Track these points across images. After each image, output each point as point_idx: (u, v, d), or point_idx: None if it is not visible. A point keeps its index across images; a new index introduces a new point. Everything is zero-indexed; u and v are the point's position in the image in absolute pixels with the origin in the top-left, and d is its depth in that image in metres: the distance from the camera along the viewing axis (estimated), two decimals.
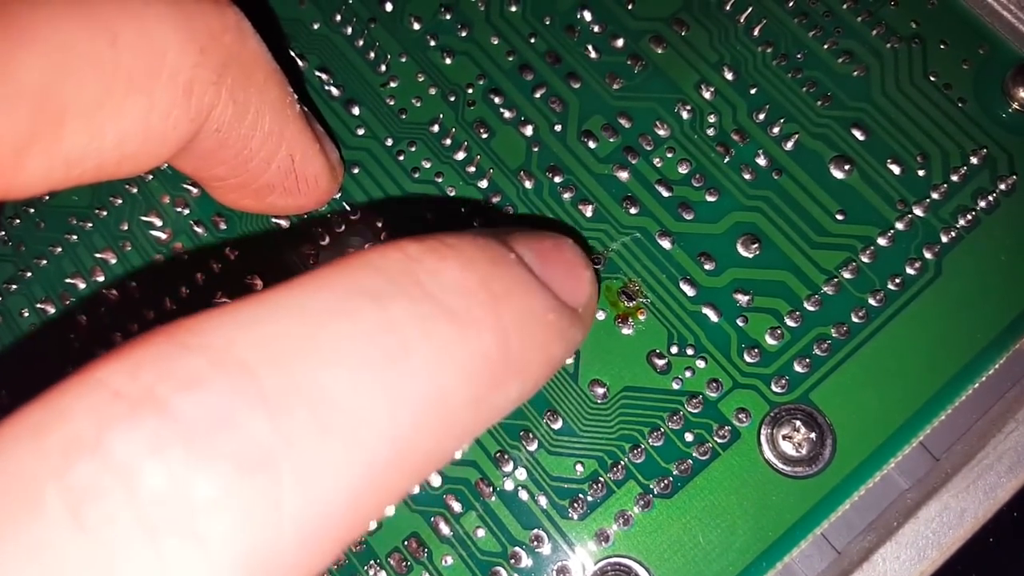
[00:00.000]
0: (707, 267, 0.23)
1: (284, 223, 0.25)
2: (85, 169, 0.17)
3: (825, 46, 0.25)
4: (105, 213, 0.26)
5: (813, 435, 0.22)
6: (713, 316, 0.23)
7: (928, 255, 0.23)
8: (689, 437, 0.22)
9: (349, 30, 0.27)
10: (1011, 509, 0.22)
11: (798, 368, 0.23)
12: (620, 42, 0.26)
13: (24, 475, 0.11)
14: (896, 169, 0.24)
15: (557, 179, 0.25)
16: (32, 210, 0.26)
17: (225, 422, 0.12)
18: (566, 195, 0.24)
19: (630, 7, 0.26)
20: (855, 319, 0.23)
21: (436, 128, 0.25)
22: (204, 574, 0.11)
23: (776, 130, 0.24)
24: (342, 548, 0.13)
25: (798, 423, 0.22)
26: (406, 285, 0.14)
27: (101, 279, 0.25)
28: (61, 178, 0.16)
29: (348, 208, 0.25)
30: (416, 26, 0.26)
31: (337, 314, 0.13)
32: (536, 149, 0.25)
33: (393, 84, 0.26)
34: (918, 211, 0.24)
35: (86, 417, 0.11)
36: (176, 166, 0.20)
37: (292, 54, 0.26)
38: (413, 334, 0.13)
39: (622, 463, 0.22)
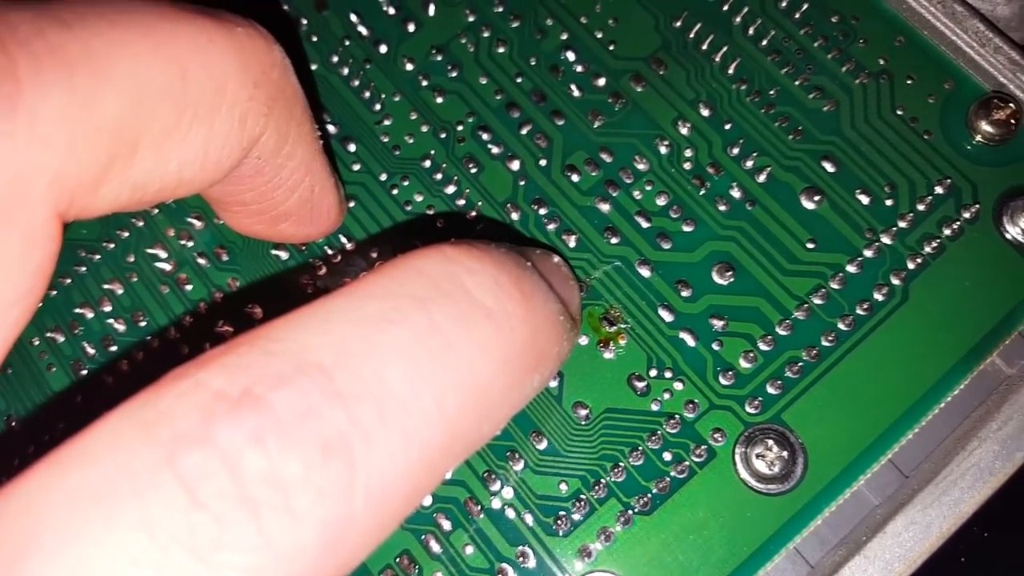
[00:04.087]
0: (684, 294, 0.25)
1: (283, 254, 0.26)
2: (146, 192, 0.18)
3: (797, 82, 0.27)
4: (112, 246, 0.27)
5: (785, 454, 0.23)
6: (690, 340, 0.24)
7: (895, 281, 0.24)
8: (667, 456, 0.23)
9: (345, 71, 0.28)
10: (979, 528, 0.23)
11: (771, 390, 0.24)
12: (602, 81, 0.27)
13: (140, 462, 0.13)
14: (864, 199, 0.25)
15: (542, 211, 0.26)
16: None
17: (310, 414, 0.14)
18: (551, 226, 0.26)
19: (611, 48, 0.27)
20: (825, 343, 0.24)
21: (428, 163, 0.27)
22: (294, 541, 0.13)
23: (750, 163, 0.26)
24: (401, 520, 0.15)
25: (771, 442, 0.23)
26: (447, 287, 0.16)
27: (108, 309, 0.26)
28: (125, 201, 0.18)
29: (344, 240, 0.26)
30: (409, 67, 0.28)
31: (389, 320, 0.15)
32: (522, 183, 0.26)
33: (387, 122, 0.27)
34: (886, 239, 0.25)
35: (192, 413, 0.13)
36: (205, 191, 0.22)
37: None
38: (455, 334, 0.15)
39: (604, 482, 0.23)
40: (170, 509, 0.13)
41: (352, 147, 0.27)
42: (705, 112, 0.26)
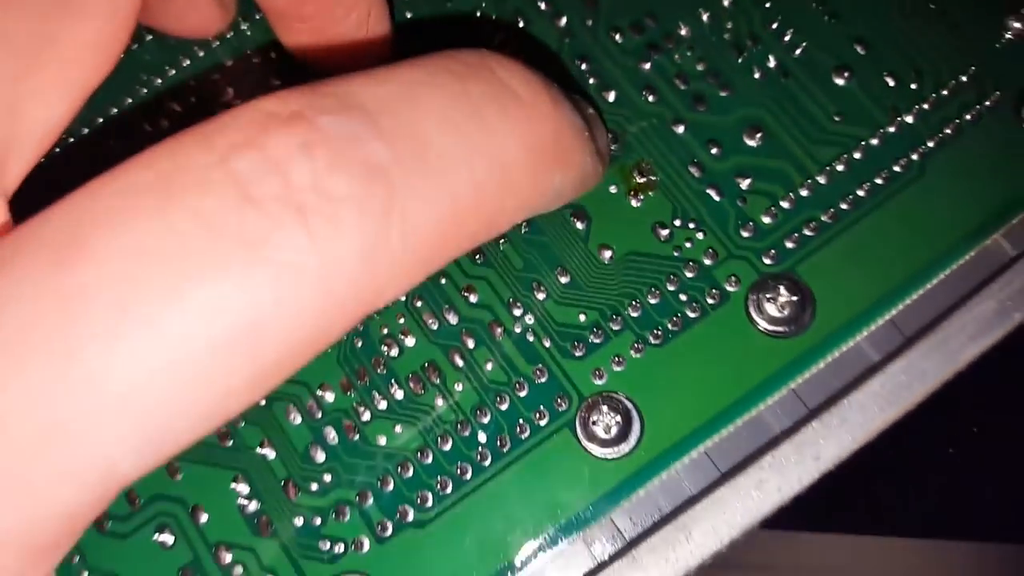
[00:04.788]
0: (714, 152, 0.26)
1: None
2: None
3: None
4: (173, 72, 0.28)
5: (795, 299, 0.24)
6: (716, 196, 0.26)
7: (914, 156, 0.26)
8: (683, 297, 0.25)
9: None
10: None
11: (788, 244, 0.25)
12: None
13: (197, 163, 0.14)
14: (891, 81, 0.26)
15: (584, 66, 0.27)
16: None
17: (355, 139, 0.15)
18: (592, 80, 0.27)
19: None
20: (843, 206, 0.25)
21: (478, 14, 0.28)
22: (336, 249, 0.14)
23: (786, 39, 0.27)
24: (428, 272, 0.16)
25: (782, 288, 0.24)
26: (481, 71, 0.17)
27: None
28: None
29: None
30: None
31: (427, 84, 0.16)
32: (567, 40, 0.27)
33: None
34: (908, 118, 0.26)
35: (247, 127, 0.14)
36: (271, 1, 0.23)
37: None
38: (487, 107, 0.17)
39: (621, 316, 0.25)
40: (222, 202, 0.14)
41: None
42: None
